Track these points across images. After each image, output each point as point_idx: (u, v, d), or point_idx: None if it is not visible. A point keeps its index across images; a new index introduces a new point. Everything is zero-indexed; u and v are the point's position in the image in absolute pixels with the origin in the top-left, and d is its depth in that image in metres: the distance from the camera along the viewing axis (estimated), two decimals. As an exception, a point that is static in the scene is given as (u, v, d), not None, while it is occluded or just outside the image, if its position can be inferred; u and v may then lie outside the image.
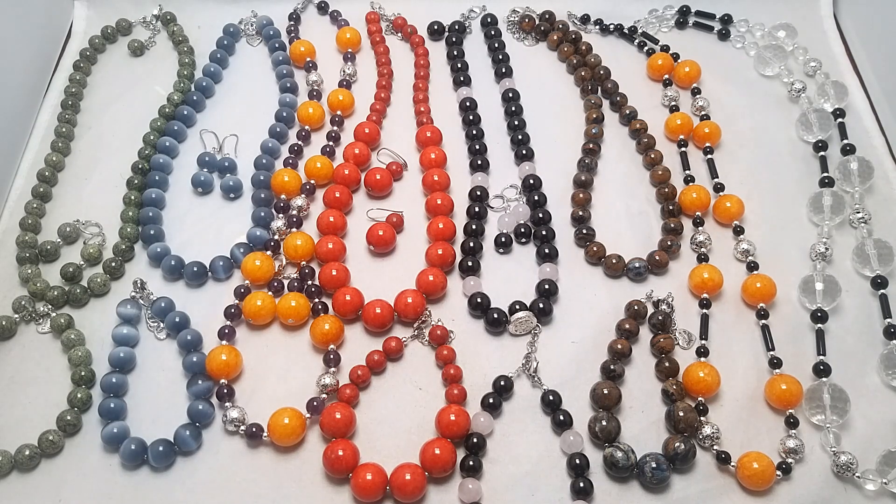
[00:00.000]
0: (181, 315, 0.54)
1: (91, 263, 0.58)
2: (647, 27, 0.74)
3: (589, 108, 0.67)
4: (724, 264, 0.57)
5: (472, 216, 0.60)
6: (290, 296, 0.55)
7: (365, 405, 0.52)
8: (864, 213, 0.60)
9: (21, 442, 0.49)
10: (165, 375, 0.53)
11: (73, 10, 0.74)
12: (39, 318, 0.55)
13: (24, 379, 0.53)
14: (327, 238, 0.57)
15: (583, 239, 0.59)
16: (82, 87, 0.69)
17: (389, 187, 0.63)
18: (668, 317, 0.55)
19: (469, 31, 0.74)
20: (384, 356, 0.53)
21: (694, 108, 0.67)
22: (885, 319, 0.55)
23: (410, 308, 0.54)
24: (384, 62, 0.71)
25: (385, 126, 0.67)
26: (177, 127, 0.65)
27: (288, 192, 0.61)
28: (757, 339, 0.55)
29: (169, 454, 0.49)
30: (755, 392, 0.52)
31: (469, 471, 0.48)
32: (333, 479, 0.49)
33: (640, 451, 0.49)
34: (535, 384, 0.52)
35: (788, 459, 0.49)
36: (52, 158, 0.63)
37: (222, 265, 0.57)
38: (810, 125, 0.65)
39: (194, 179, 0.62)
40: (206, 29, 0.73)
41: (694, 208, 0.60)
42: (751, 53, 0.72)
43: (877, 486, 0.48)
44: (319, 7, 0.75)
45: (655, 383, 0.53)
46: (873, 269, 0.57)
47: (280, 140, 0.65)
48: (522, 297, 0.56)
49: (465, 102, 0.67)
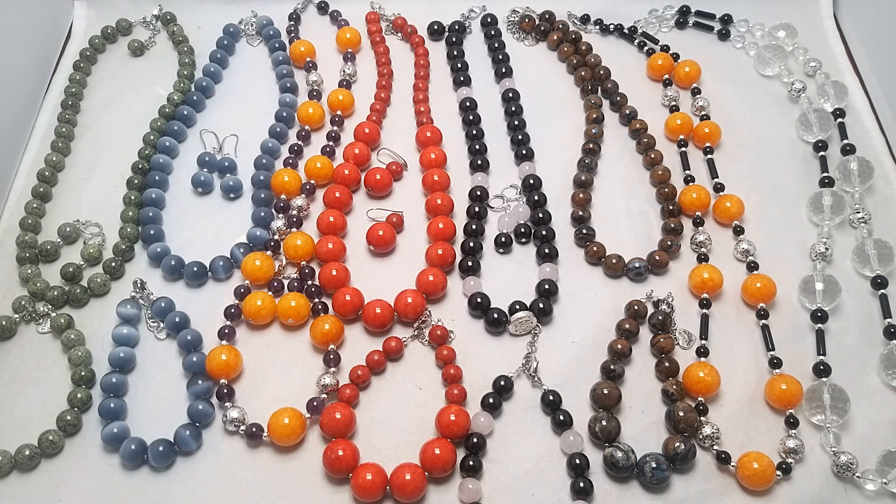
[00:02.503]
0: (181, 315, 0.54)
1: (91, 263, 0.58)
2: (647, 27, 0.74)
3: (589, 108, 0.67)
4: (724, 264, 0.57)
5: (472, 216, 0.60)
6: (290, 296, 0.55)
7: (365, 405, 0.52)
8: (864, 213, 0.60)
9: (21, 442, 0.49)
10: (165, 375, 0.53)
11: (73, 10, 0.74)
12: (39, 318, 0.55)
13: (24, 379, 0.53)
14: (327, 238, 0.57)
15: (583, 239, 0.59)
16: (82, 87, 0.69)
17: (389, 187, 0.63)
18: (668, 317, 0.55)
19: (469, 31, 0.74)
20: (384, 356, 0.53)
21: (694, 108, 0.67)
22: (885, 319, 0.55)
23: (410, 308, 0.54)
24: (384, 62, 0.71)
25: (385, 126, 0.67)
26: (177, 127, 0.65)
27: (288, 192, 0.61)
28: (757, 339, 0.55)
29: (169, 454, 0.49)
30: (755, 392, 0.52)
31: (469, 471, 0.48)
32: (333, 479, 0.49)
33: (640, 451, 0.49)
34: (535, 384, 0.52)
35: (788, 459, 0.49)
36: (52, 158, 0.63)
37: (222, 265, 0.57)
38: (810, 125, 0.65)
39: (194, 179, 0.62)
40: (206, 29, 0.73)
41: (694, 208, 0.60)
42: (751, 53, 0.72)
43: (877, 486, 0.48)
44: (319, 7, 0.75)
45: (655, 383, 0.53)
46: (873, 269, 0.57)
47: (280, 140, 0.65)
48: (522, 297, 0.56)
49: (465, 102, 0.67)
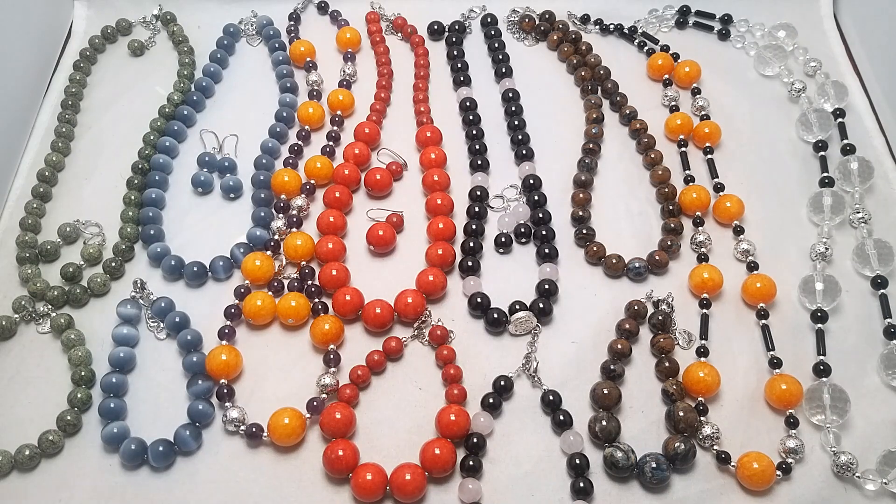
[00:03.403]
0: (181, 315, 0.54)
1: (91, 263, 0.58)
2: (647, 27, 0.74)
3: (589, 108, 0.67)
4: (724, 264, 0.57)
5: (472, 216, 0.60)
6: (290, 296, 0.55)
7: (365, 405, 0.52)
8: (864, 213, 0.60)
9: (21, 442, 0.49)
10: (165, 375, 0.53)
11: (73, 10, 0.74)
12: (39, 318, 0.55)
13: (25, 379, 0.53)
14: (327, 238, 0.57)
15: (583, 239, 0.59)
16: (82, 87, 0.69)
17: (389, 187, 0.63)
18: (668, 317, 0.55)
19: (469, 31, 0.74)
20: (384, 356, 0.53)
21: (694, 108, 0.67)
22: (885, 319, 0.55)
23: (410, 308, 0.54)
24: (384, 62, 0.71)
25: (385, 126, 0.67)
26: (177, 127, 0.65)
27: (288, 192, 0.61)
28: (757, 339, 0.55)
29: (169, 454, 0.49)
30: (755, 392, 0.52)
31: (469, 471, 0.48)
32: (333, 479, 0.49)
33: (640, 451, 0.49)
34: (535, 384, 0.52)
35: (788, 459, 0.49)
36: (52, 158, 0.63)
37: (222, 265, 0.57)
38: (810, 125, 0.65)
39: (194, 179, 0.62)
40: (206, 29, 0.73)
41: (694, 208, 0.60)
42: (751, 53, 0.72)
43: (877, 486, 0.48)
44: (319, 7, 0.75)
45: (655, 383, 0.53)
46: (873, 269, 0.57)
47: (280, 140, 0.65)
48: (522, 297, 0.56)
49: (465, 102, 0.67)
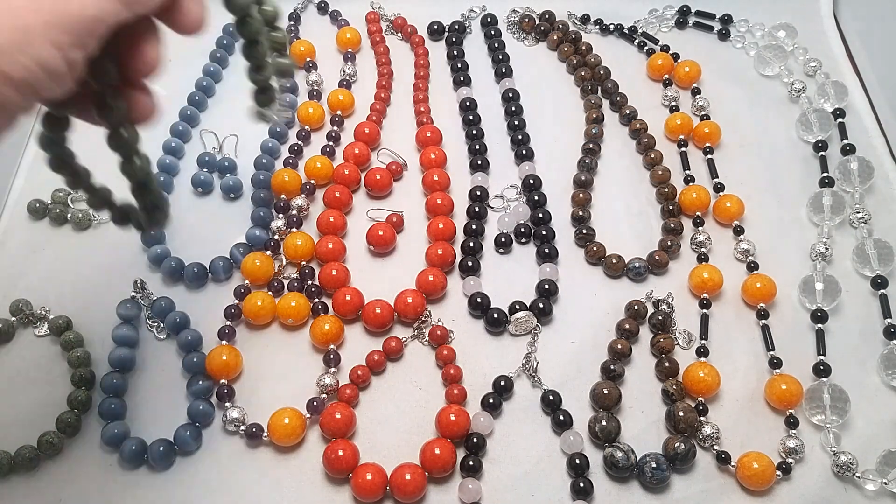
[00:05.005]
0: (181, 315, 0.54)
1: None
2: (647, 27, 0.74)
3: (589, 108, 0.67)
4: (724, 264, 0.57)
5: (472, 216, 0.60)
6: (290, 296, 0.55)
7: (365, 405, 0.52)
8: (864, 213, 0.60)
9: (21, 443, 0.49)
10: (165, 375, 0.53)
11: (73, 10, 0.74)
12: (37, 322, 0.55)
13: (24, 380, 0.53)
14: (327, 238, 0.57)
15: (583, 239, 0.59)
16: (82, 87, 0.69)
17: (389, 187, 0.63)
18: (668, 317, 0.55)
19: (469, 31, 0.74)
20: (384, 356, 0.53)
21: (694, 108, 0.67)
22: (885, 319, 0.55)
23: (410, 308, 0.54)
24: (384, 62, 0.71)
25: (385, 126, 0.67)
26: (182, 127, 0.65)
27: (288, 192, 0.61)
28: (757, 339, 0.55)
29: (169, 454, 0.49)
30: (755, 392, 0.52)
31: (469, 471, 0.48)
32: (333, 479, 0.49)
33: (640, 451, 0.49)
34: (535, 384, 0.52)
35: (788, 459, 0.49)
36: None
37: (222, 265, 0.57)
38: (810, 125, 0.65)
39: (194, 179, 0.62)
40: (206, 29, 0.73)
41: (694, 208, 0.60)
42: (751, 53, 0.72)
43: (877, 486, 0.48)
44: (319, 7, 0.75)
45: (655, 383, 0.53)
46: (873, 269, 0.57)
47: (280, 140, 0.65)
48: (522, 297, 0.56)
49: (465, 102, 0.67)
